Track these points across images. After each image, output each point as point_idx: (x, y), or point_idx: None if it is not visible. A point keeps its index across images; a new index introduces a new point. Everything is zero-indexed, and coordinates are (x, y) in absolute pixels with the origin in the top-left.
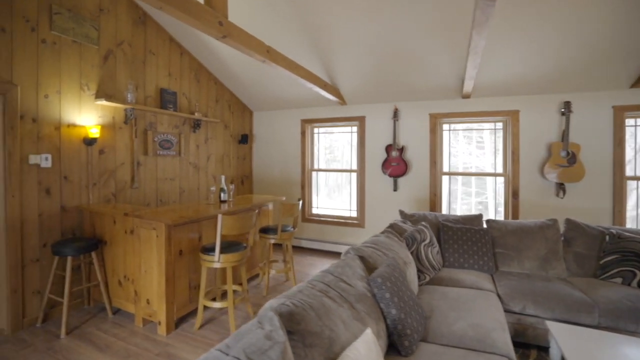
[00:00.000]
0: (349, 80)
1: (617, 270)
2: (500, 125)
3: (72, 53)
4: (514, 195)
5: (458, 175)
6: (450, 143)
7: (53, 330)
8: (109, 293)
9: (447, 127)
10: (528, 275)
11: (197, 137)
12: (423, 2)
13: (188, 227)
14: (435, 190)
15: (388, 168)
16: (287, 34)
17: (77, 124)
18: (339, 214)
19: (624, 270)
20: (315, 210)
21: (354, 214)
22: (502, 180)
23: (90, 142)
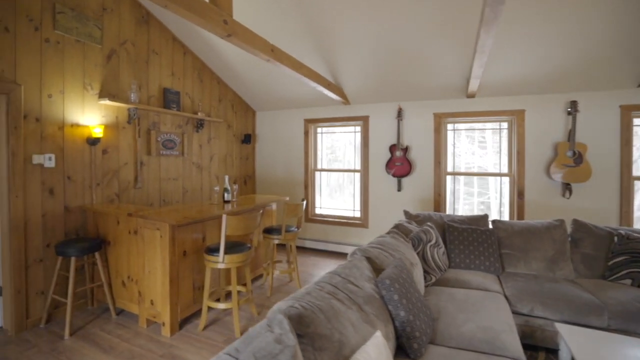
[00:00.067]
0: (353, 80)
1: (626, 272)
2: (505, 125)
3: (75, 52)
4: (520, 196)
5: (462, 176)
6: (455, 143)
7: (57, 331)
8: (113, 294)
9: (451, 126)
10: (535, 277)
11: (200, 137)
12: (428, 0)
13: (192, 227)
14: (440, 191)
15: (392, 168)
16: (291, 33)
17: (80, 124)
18: (343, 214)
19: (634, 272)
20: (319, 211)
21: (358, 214)
22: (507, 181)
23: (94, 142)
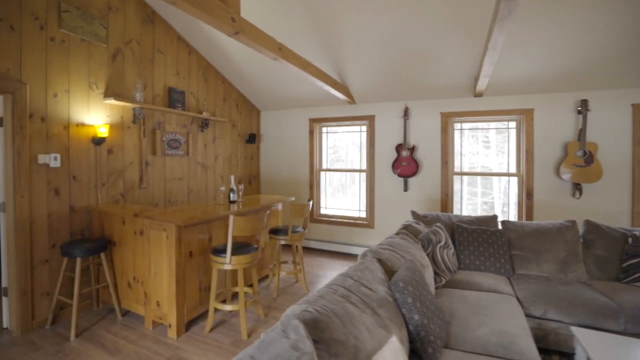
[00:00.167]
0: (359, 79)
1: None
2: (514, 125)
3: (80, 51)
4: (528, 196)
5: (470, 176)
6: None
7: (62, 333)
8: (118, 295)
9: (458, 126)
10: (547, 279)
11: (205, 136)
12: None
13: (198, 228)
14: (447, 191)
15: (398, 168)
16: (297, 32)
17: (85, 123)
18: (348, 215)
19: None
20: (324, 211)
21: (363, 215)
22: (515, 181)
23: (99, 141)
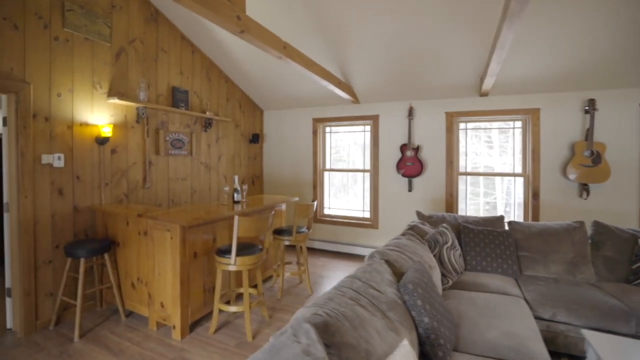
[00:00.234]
0: (363, 78)
1: None
2: (519, 124)
3: (84, 50)
4: (534, 196)
5: (475, 176)
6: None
7: (66, 334)
8: (122, 295)
9: (463, 126)
10: (555, 280)
11: (208, 136)
12: None
13: (202, 228)
14: (452, 191)
15: (403, 168)
16: (301, 31)
17: (89, 123)
18: (352, 215)
19: None
20: (327, 211)
21: (367, 215)
22: (520, 181)
23: (103, 141)
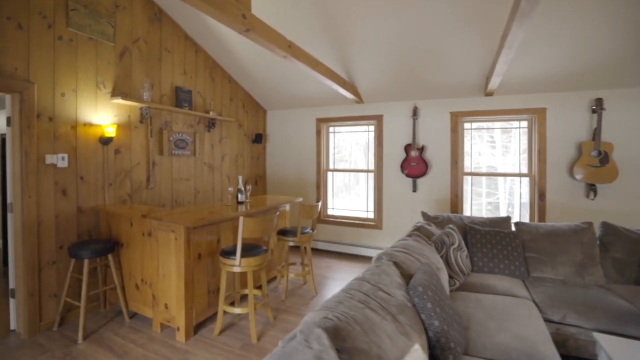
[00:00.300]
0: (367, 78)
1: None
2: (525, 124)
3: (88, 50)
4: (541, 197)
5: (480, 176)
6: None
7: (70, 335)
8: (126, 297)
9: (468, 125)
10: (564, 282)
11: (211, 136)
12: None
13: (207, 229)
14: (457, 191)
15: (407, 168)
16: (305, 30)
17: (93, 123)
18: (355, 215)
19: None
20: (331, 212)
21: (371, 215)
22: (526, 181)
23: (106, 141)
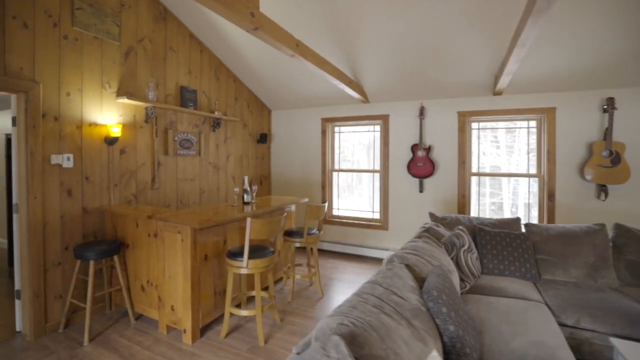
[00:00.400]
0: (373, 77)
1: None
2: (534, 124)
3: (93, 49)
4: (550, 198)
5: (488, 177)
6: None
7: (75, 337)
8: (132, 298)
9: (475, 125)
10: (577, 285)
11: (216, 136)
12: None
13: (213, 230)
14: (464, 192)
15: (414, 168)
16: (311, 29)
17: (98, 123)
18: (361, 216)
19: None
20: (336, 212)
21: (377, 216)
22: (535, 181)
23: (112, 141)
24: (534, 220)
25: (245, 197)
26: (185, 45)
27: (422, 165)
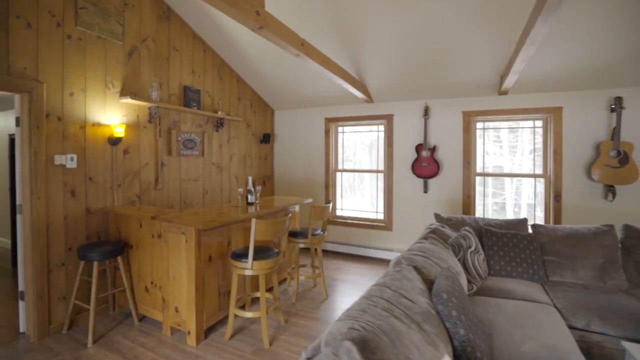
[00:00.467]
0: (377, 77)
1: None
2: (540, 124)
3: (97, 49)
4: (556, 198)
5: (494, 177)
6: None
7: (79, 338)
8: (135, 299)
9: (480, 125)
10: (585, 287)
11: (220, 136)
12: None
13: (217, 231)
14: (469, 192)
15: (418, 168)
16: (315, 28)
17: (102, 123)
18: (365, 216)
19: None
20: (340, 212)
21: (381, 216)
22: (541, 182)
23: (115, 141)
24: (538, 221)
25: (249, 197)
26: (189, 45)
27: (426, 166)
